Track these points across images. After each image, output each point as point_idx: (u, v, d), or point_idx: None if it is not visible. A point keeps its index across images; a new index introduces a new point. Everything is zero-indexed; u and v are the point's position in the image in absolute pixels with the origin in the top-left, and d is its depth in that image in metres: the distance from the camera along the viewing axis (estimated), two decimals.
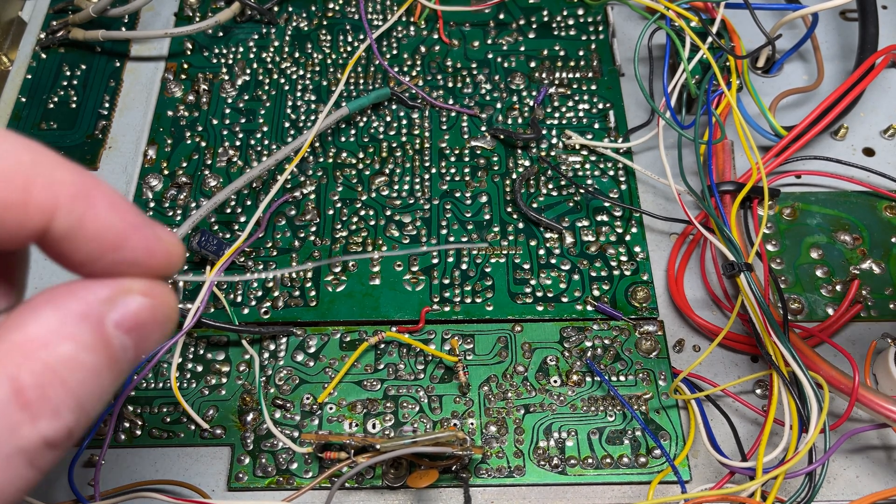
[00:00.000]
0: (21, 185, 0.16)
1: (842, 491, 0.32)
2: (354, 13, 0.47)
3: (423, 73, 0.45)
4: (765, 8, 0.43)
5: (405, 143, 0.42)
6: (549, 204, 0.40)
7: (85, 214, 0.17)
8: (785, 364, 0.31)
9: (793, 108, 0.44)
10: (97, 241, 0.17)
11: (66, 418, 0.16)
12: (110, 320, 0.17)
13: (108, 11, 0.44)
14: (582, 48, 0.46)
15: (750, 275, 0.33)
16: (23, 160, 0.16)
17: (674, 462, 0.32)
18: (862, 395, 0.31)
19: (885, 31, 0.44)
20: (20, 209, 0.16)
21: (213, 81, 0.44)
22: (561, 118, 0.43)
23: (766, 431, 0.30)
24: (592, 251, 0.38)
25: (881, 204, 0.40)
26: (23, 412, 0.15)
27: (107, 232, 0.17)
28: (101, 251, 0.17)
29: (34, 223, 0.16)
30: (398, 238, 0.38)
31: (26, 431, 0.15)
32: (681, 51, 0.39)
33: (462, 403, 0.34)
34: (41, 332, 0.16)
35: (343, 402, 0.34)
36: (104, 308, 0.17)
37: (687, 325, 0.37)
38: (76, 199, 0.16)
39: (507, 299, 0.37)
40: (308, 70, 0.45)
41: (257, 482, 0.32)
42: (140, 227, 0.18)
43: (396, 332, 0.35)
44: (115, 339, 0.17)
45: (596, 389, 0.34)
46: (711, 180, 0.38)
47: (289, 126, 0.43)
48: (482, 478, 0.32)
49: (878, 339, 0.36)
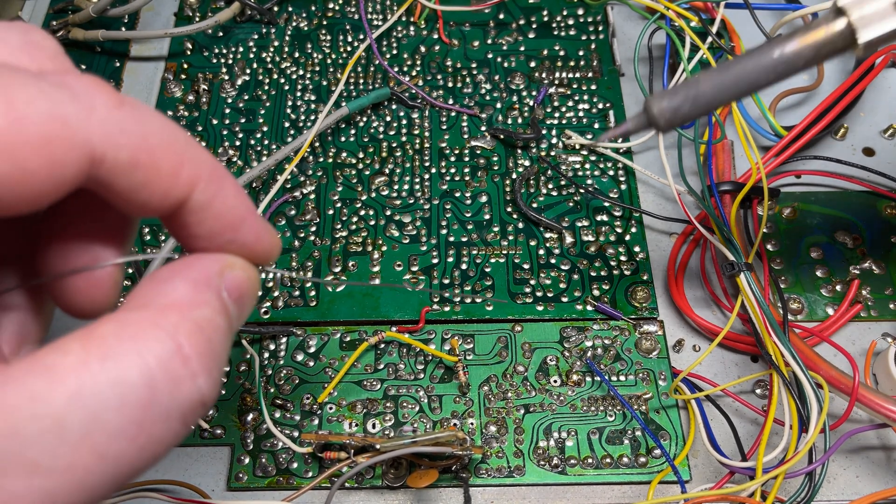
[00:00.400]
0: (177, 156, 0.17)
1: (842, 491, 0.32)
2: (354, 13, 0.47)
3: (423, 73, 0.45)
4: (765, 8, 0.43)
5: (405, 143, 0.42)
6: (549, 204, 0.40)
7: (217, 194, 0.18)
8: (785, 364, 0.31)
9: (793, 108, 0.44)
10: (221, 219, 0.19)
11: (215, 376, 0.17)
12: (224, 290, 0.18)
13: (107, 11, 0.44)
14: (582, 48, 0.46)
15: (750, 275, 0.33)
16: (178, 136, 0.18)
17: (674, 462, 0.32)
18: (862, 395, 0.31)
19: None
20: (173, 177, 0.17)
21: (213, 81, 0.44)
22: (561, 118, 0.43)
23: (766, 431, 0.30)
24: (592, 251, 0.38)
25: (881, 204, 0.40)
26: (185, 368, 0.16)
27: (230, 212, 0.19)
28: (222, 229, 0.19)
29: (180, 192, 0.18)
30: (398, 238, 0.38)
31: (187, 387, 0.16)
32: (681, 51, 0.39)
33: (462, 403, 0.34)
34: (181, 297, 0.17)
35: (343, 402, 0.34)
36: (219, 279, 0.19)
37: (687, 325, 0.37)
38: (212, 178, 0.18)
39: (507, 299, 0.37)
40: (308, 70, 0.45)
41: (257, 482, 0.32)
42: (255, 215, 0.20)
43: (396, 332, 0.35)
44: (229, 305, 0.19)
45: (596, 389, 0.34)
46: (711, 180, 0.38)
47: (289, 126, 0.43)
48: (482, 478, 0.32)
49: (878, 339, 0.36)
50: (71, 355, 0.15)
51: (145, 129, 0.17)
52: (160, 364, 0.16)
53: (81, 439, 0.15)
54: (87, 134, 0.16)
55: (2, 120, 0.15)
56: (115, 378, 0.15)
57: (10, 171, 0.15)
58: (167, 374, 0.16)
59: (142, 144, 0.17)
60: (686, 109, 0.25)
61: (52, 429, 0.15)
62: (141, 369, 0.15)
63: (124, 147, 0.16)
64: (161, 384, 0.16)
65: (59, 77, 0.16)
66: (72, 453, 0.15)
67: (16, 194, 0.15)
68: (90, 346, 0.15)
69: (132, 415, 0.15)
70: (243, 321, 0.20)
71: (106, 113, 0.16)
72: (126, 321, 0.16)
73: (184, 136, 0.18)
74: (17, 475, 0.14)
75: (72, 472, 0.15)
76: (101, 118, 0.16)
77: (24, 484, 0.14)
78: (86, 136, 0.16)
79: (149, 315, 0.17)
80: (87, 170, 0.16)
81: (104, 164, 0.16)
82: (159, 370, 0.16)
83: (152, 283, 0.18)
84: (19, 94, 0.15)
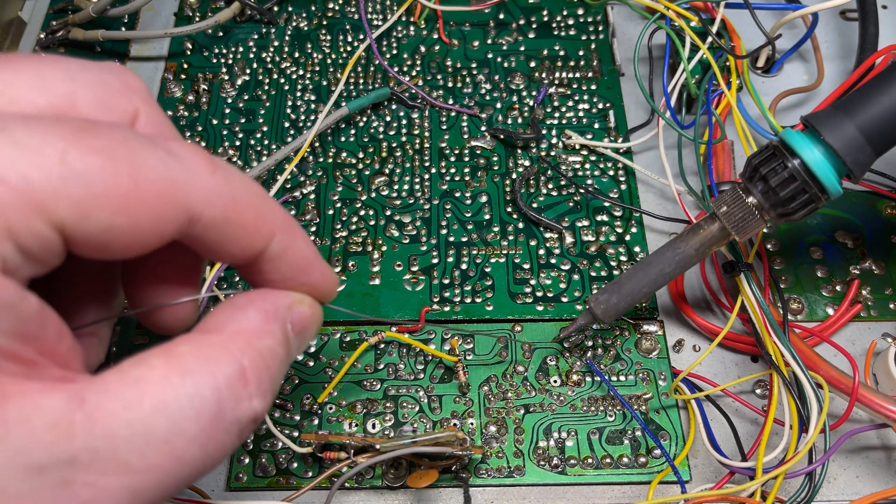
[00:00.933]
0: (259, 212, 0.20)
1: (842, 491, 0.32)
2: (354, 13, 0.47)
3: (423, 73, 0.45)
4: (765, 8, 0.43)
5: (405, 143, 0.42)
6: (549, 204, 0.40)
7: (290, 244, 0.21)
8: (785, 364, 0.31)
9: (793, 108, 0.44)
10: (293, 265, 0.22)
11: (268, 399, 0.19)
12: (289, 322, 0.21)
13: (107, 11, 0.44)
14: (582, 48, 0.46)
15: (750, 275, 0.33)
16: (260, 194, 0.20)
17: (674, 462, 0.32)
18: (862, 395, 0.31)
19: (885, 31, 0.44)
20: (255, 231, 0.20)
21: (213, 81, 0.44)
22: (561, 118, 0.43)
23: (766, 431, 0.30)
24: (592, 251, 0.38)
25: (881, 204, 0.40)
26: (245, 389, 0.19)
27: (301, 259, 0.22)
28: (293, 274, 0.22)
29: (260, 244, 0.20)
30: (398, 238, 0.38)
31: (245, 405, 0.19)
32: (681, 51, 0.39)
33: (462, 403, 0.34)
34: (251, 325, 0.20)
35: (343, 403, 0.34)
36: (286, 313, 0.21)
37: (687, 325, 0.37)
38: (287, 230, 0.21)
39: (507, 299, 0.37)
40: (308, 70, 0.45)
41: (257, 482, 0.32)
42: (321, 259, 0.23)
43: (396, 332, 0.35)
44: (291, 338, 0.21)
45: (596, 389, 0.34)
46: (711, 180, 0.38)
47: (289, 126, 0.43)
48: (482, 478, 0.32)
49: (878, 339, 0.36)
50: (156, 370, 0.18)
51: (233, 190, 0.19)
52: (227, 383, 0.18)
53: (164, 444, 0.17)
54: (189, 196, 0.18)
55: (128, 181, 0.17)
56: (193, 392, 0.18)
57: (125, 224, 0.17)
58: (232, 393, 0.18)
59: (231, 204, 0.19)
60: (615, 301, 0.32)
61: (141, 433, 0.17)
62: (213, 386, 0.18)
63: (217, 207, 0.19)
64: (227, 400, 0.18)
65: (166, 142, 0.18)
66: (156, 456, 0.17)
67: (124, 244, 0.17)
68: (171, 362, 0.18)
69: (204, 425, 0.18)
70: (301, 352, 0.23)
71: (204, 177, 0.19)
72: (201, 342, 0.19)
73: (263, 193, 0.21)
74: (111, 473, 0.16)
75: (154, 473, 0.17)
76: (201, 182, 0.18)
77: (116, 481, 0.16)
78: (188, 198, 0.18)
79: (221, 339, 0.19)
80: (185, 226, 0.18)
81: (200, 221, 0.19)
82: (226, 388, 0.18)
83: (229, 308, 0.20)
84: (141, 159, 0.17)
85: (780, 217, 0.30)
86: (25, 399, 0.16)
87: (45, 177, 0.16)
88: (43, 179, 0.16)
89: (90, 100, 0.19)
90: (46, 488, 0.16)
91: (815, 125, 0.28)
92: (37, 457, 0.16)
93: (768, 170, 0.29)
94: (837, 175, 0.28)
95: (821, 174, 0.28)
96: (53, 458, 0.16)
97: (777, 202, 0.29)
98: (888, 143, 0.28)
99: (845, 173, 0.28)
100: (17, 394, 0.16)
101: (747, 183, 0.30)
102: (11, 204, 0.15)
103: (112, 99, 0.20)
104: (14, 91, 0.18)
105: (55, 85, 0.19)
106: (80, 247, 0.17)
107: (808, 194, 0.29)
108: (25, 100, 0.18)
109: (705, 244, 0.31)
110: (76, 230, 0.16)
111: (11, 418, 0.16)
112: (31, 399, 0.16)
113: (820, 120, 0.28)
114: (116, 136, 0.17)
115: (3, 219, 0.15)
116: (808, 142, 0.28)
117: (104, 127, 0.17)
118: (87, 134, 0.17)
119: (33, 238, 0.16)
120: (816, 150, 0.28)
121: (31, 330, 0.17)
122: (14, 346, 0.16)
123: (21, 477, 0.15)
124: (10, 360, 0.16)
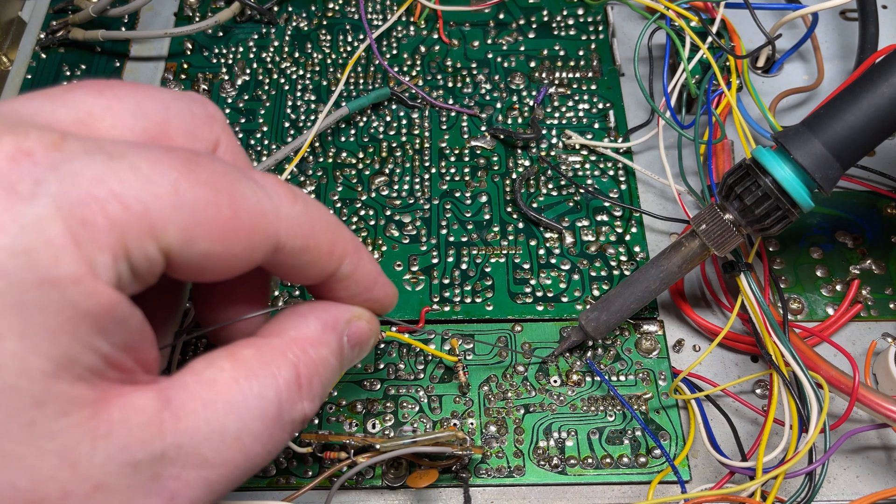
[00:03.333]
0: (333, 237, 0.22)
1: (842, 491, 0.32)
2: (354, 13, 0.47)
3: (423, 73, 0.45)
4: (765, 8, 0.43)
5: (405, 143, 0.42)
6: (549, 204, 0.40)
7: (358, 264, 0.23)
8: (785, 364, 0.31)
9: (793, 108, 0.44)
10: (360, 284, 0.23)
11: (317, 403, 0.21)
12: (346, 335, 0.23)
13: (108, 11, 0.44)
14: (582, 48, 0.46)
15: (750, 275, 0.33)
16: (332, 220, 0.22)
17: (674, 462, 0.32)
18: (862, 395, 0.31)
19: (885, 30, 0.44)
20: (330, 256, 0.22)
21: (213, 81, 0.44)
22: (561, 118, 0.43)
23: (766, 431, 0.30)
24: (592, 251, 0.38)
25: (881, 204, 0.40)
26: (298, 392, 0.20)
27: (367, 277, 0.23)
28: (359, 291, 0.23)
29: (332, 266, 0.22)
30: (398, 238, 0.38)
31: (298, 407, 0.20)
32: (681, 51, 0.39)
33: (462, 403, 0.34)
34: (309, 334, 0.22)
35: (343, 402, 0.34)
36: (345, 326, 0.23)
37: (687, 325, 0.37)
38: (356, 252, 0.23)
39: (507, 299, 0.37)
40: (308, 70, 0.45)
41: (257, 482, 0.32)
42: (384, 276, 0.24)
43: (396, 332, 0.35)
44: (346, 349, 0.23)
45: (596, 389, 0.34)
46: (711, 180, 0.38)
47: (289, 126, 0.43)
48: (482, 478, 0.32)
49: (878, 339, 0.36)
50: (225, 372, 0.19)
51: (312, 219, 0.21)
52: (286, 386, 0.20)
53: (236, 441, 0.19)
54: (276, 226, 0.20)
55: (228, 212, 0.18)
56: (258, 394, 0.19)
57: (222, 251, 0.18)
58: (289, 395, 0.20)
59: (310, 232, 0.21)
60: (605, 318, 0.33)
61: (218, 431, 0.18)
62: (275, 389, 0.20)
63: (299, 237, 0.20)
64: (285, 402, 0.20)
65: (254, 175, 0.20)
66: (229, 451, 0.18)
67: (218, 269, 0.19)
68: (238, 365, 0.19)
69: (268, 424, 0.19)
70: (355, 362, 0.24)
71: (288, 207, 0.20)
72: (263, 347, 0.20)
73: (335, 219, 0.22)
74: (192, 467, 0.18)
75: (227, 467, 0.19)
76: (285, 212, 0.20)
77: (196, 475, 0.18)
78: (276, 228, 0.20)
79: (281, 344, 0.21)
80: (270, 255, 0.20)
81: (283, 249, 0.20)
82: (285, 390, 0.20)
83: (291, 315, 0.22)
84: (238, 191, 0.19)
85: (758, 232, 0.31)
86: (124, 400, 0.17)
87: (159, 203, 0.17)
88: (158, 206, 0.17)
89: (181, 128, 0.21)
90: (141, 482, 0.17)
91: (785, 144, 0.29)
92: (134, 453, 0.17)
93: (742, 189, 0.30)
94: (808, 190, 0.29)
95: (791, 191, 0.29)
96: (148, 453, 0.17)
97: (753, 220, 0.30)
98: (854, 157, 0.30)
99: (815, 188, 0.29)
100: (117, 397, 0.17)
101: (724, 201, 0.31)
102: (130, 227, 0.16)
103: (199, 128, 0.21)
104: (114, 117, 0.19)
105: (152, 113, 0.20)
106: (179, 270, 0.18)
107: (781, 210, 0.30)
108: (125, 125, 0.19)
109: (687, 260, 0.33)
110: (180, 254, 0.18)
111: (115, 419, 0.17)
112: (129, 400, 0.17)
113: (788, 139, 0.30)
114: (219, 169, 0.18)
115: (122, 240, 0.16)
116: (779, 160, 0.30)
117: (208, 159, 0.19)
118: (195, 165, 0.18)
119: (145, 259, 0.17)
120: (787, 167, 0.29)
121: (135, 342, 0.18)
122: (120, 357, 0.17)
123: (121, 472, 0.17)
124: (114, 368, 0.17)
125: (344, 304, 0.23)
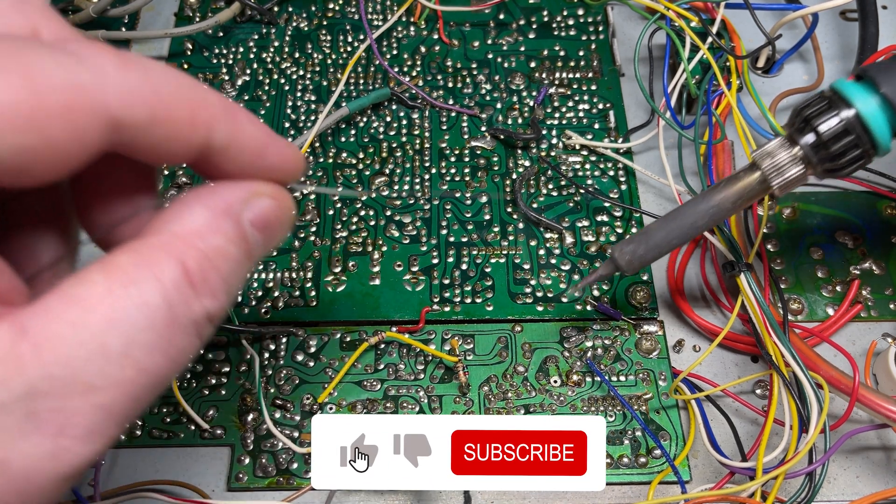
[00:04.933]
0: (190, 103, 0.18)
1: (842, 491, 0.32)
2: (354, 13, 0.47)
3: (423, 74, 0.45)
4: (765, 8, 0.43)
5: (405, 144, 0.42)
6: (549, 204, 0.40)
7: (235, 129, 0.19)
8: (785, 364, 0.31)
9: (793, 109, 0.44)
10: (245, 152, 0.20)
11: (220, 299, 0.19)
12: (246, 218, 0.20)
13: (108, 11, 0.44)
14: (582, 48, 0.46)
15: (750, 275, 0.33)
16: (186, 83, 0.18)
17: (674, 462, 0.32)
18: (862, 395, 0.31)
19: (885, 31, 0.44)
20: (191, 125, 0.18)
21: (213, 81, 0.44)
22: (561, 118, 0.43)
23: (766, 431, 0.30)
24: (592, 251, 0.38)
25: (881, 204, 0.40)
26: (191, 290, 0.18)
27: (252, 143, 0.20)
28: (249, 160, 0.20)
29: (200, 137, 0.19)
30: (398, 238, 0.38)
31: (196, 306, 0.18)
32: (681, 51, 0.39)
33: (462, 403, 0.34)
34: (196, 224, 0.19)
35: (343, 403, 0.34)
36: (241, 207, 0.20)
37: (687, 325, 0.37)
38: (227, 116, 0.19)
39: (507, 299, 0.37)
40: (308, 70, 0.45)
41: (257, 482, 0.32)
42: (275, 137, 0.21)
43: (396, 332, 0.35)
44: (249, 234, 0.20)
45: (596, 389, 0.34)
46: (711, 180, 0.38)
47: (289, 126, 0.43)
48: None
49: (879, 340, 0.36)
50: (98, 285, 0.17)
51: (155, 84, 0.18)
52: (174, 286, 0.17)
53: (123, 357, 0.17)
54: (104, 99, 0.16)
55: (23, 92, 0.15)
56: (140, 301, 0.17)
57: (36, 142, 0.15)
58: (180, 295, 0.18)
59: (155, 100, 0.18)
60: (642, 252, 0.31)
61: (97, 351, 0.16)
62: (160, 291, 0.17)
63: (139, 106, 0.17)
64: (177, 303, 0.17)
65: (67, 44, 0.17)
66: (118, 371, 0.17)
67: (44, 164, 0.16)
68: (112, 275, 0.17)
69: (160, 331, 0.17)
70: (272, 246, 0.21)
71: (117, 76, 0.17)
72: (140, 249, 0.18)
73: (190, 81, 0.19)
74: (76, 395, 0.16)
75: (121, 387, 0.17)
76: (114, 82, 0.17)
77: (83, 402, 0.16)
78: (103, 102, 0.16)
79: (161, 242, 0.18)
80: (108, 134, 0.17)
81: (123, 125, 0.17)
82: (174, 291, 0.17)
83: (174, 208, 0.19)
84: (37, 66, 0.16)
85: (826, 172, 0.28)
86: None
87: None
88: None
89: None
90: (13, 425, 0.15)
91: (874, 75, 0.27)
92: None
93: (821, 122, 0.27)
94: (891, 130, 0.27)
95: (876, 128, 0.26)
96: (10, 393, 0.15)
97: (826, 157, 0.28)
98: None
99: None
100: None
101: (795, 134, 0.28)
102: None
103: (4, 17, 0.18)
104: None
105: None
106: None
107: (860, 149, 0.27)
108: None
109: (743, 196, 0.29)
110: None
111: None
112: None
113: (880, 71, 0.27)
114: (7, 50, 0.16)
115: None
116: (865, 92, 0.27)
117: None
118: None
119: None
120: (872, 100, 0.27)
121: None
122: None
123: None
124: None
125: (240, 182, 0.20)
